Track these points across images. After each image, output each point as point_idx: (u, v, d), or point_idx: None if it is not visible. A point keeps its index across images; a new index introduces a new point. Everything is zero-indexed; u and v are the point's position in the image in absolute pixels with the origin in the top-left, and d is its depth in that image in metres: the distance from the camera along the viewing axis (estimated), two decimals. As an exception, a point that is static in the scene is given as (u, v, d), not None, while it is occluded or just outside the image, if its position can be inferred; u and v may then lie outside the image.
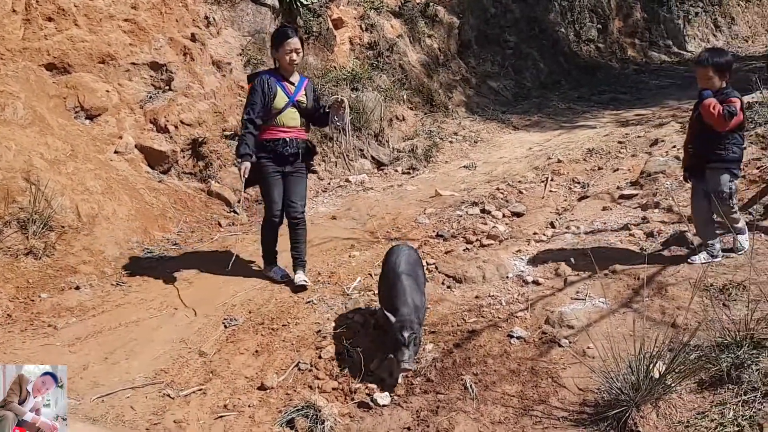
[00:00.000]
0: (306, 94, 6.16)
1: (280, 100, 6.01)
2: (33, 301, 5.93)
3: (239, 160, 5.98)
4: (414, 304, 4.99)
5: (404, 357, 4.76)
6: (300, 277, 6.26)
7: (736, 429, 3.97)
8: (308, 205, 6.10)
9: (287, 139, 6.08)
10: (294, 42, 5.95)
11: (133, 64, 8.61)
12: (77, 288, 6.17)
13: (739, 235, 5.73)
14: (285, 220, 6.32)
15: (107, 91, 8.25)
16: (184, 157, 8.48)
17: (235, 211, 8.21)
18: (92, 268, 6.49)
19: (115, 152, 7.95)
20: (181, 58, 8.97)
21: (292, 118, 6.10)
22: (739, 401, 4.15)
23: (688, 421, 4.16)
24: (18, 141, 6.88)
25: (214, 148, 8.62)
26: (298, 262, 6.37)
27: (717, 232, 5.80)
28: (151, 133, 8.32)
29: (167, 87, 8.69)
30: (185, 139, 8.48)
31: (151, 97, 8.55)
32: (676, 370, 4.27)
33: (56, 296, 6.04)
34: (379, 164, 10.44)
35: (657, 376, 4.24)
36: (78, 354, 5.25)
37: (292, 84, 6.11)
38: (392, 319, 4.86)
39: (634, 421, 4.22)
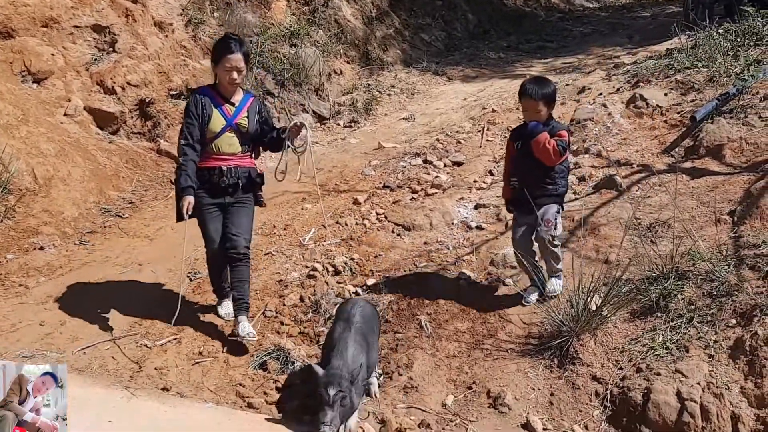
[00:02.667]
0: (248, 116, 5.26)
1: (216, 123, 5.14)
2: (0, 262, 6.15)
3: (180, 194, 5.09)
4: (351, 359, 4.24)
5: (325, 418, 3.97)
6: (244, 328, 5.17)
7: (665, 351, 4.55)
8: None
9: (223, 168, 5.17)
10: (235, 59, 5.07)
11: (76, 27, 8.67)
12: (41, 248, 6.40)
13: (553, 278, 5.38)
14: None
15: (52, 54, 8.32)
16: (132, 117, 8.64)
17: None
18: (53, 229, 6.71)
19: (65, 115, 8.07)
20: (123, 20, 9.05)
21: (229, 144, 5.20)
22: (667, 327, 4.72)
23: (622, 347, 4.74)
24: (-32, 107, 7.01)
25: (161, 107, 8.79)
26: (241, 305, 5.29)
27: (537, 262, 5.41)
28: (98, 95, 8.45)
29: (111, 49, 8.80)
30: (132, 100, 8.63)
31: (96, 59, 8.65)
32: (611, 302, 4.82)
33: (22, 257, 6.27)
34: (320, 118, 10.71)
35: (594, 308, 4.78)
36: (53, 311, 5.51)
37: (232, 104, 5.23)
38: (319, 372, 4.15)
39: (574, 349, 4.78)
